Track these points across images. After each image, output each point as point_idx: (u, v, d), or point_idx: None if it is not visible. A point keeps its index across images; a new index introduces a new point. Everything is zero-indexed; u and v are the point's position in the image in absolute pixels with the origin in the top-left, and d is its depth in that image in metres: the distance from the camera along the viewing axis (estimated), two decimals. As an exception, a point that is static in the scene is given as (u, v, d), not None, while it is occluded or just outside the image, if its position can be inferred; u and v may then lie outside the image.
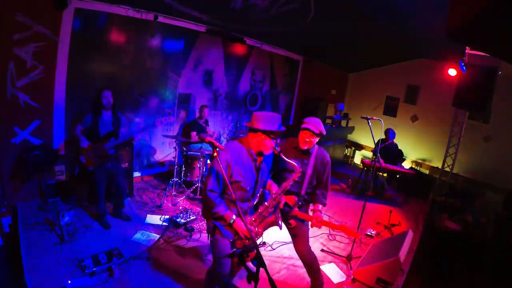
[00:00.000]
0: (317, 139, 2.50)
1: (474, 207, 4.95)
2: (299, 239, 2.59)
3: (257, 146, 2.00)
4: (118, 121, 3.39)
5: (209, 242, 2.17)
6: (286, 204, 2.47)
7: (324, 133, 2.48)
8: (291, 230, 2.60)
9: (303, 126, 2.47)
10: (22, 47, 3.33)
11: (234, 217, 2.02)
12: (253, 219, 2.13)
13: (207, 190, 1.95)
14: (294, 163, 2.13)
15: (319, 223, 2.45)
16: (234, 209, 2.05)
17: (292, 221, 2.52)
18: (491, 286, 3.51)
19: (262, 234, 2.45)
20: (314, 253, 2.68)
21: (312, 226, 2.55)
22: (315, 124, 2.44)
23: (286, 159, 2.11)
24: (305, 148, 2.50)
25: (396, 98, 7.57)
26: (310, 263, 2.65)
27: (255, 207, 2.26)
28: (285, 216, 2.49)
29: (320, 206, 2.59)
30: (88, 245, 3.04)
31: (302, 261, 2.66)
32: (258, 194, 2.21)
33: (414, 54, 6.76)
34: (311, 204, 2.69)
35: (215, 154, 1.76)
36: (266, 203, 2.15)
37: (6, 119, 3.41)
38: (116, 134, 3.34)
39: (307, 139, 2.45)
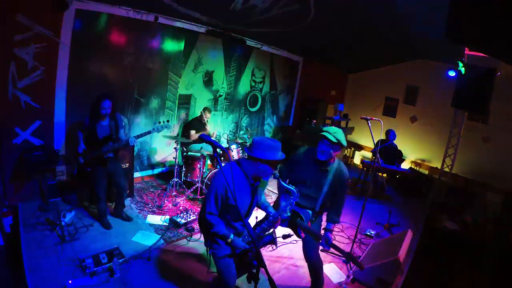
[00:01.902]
0: (336, 151, 2.34)
1: (473, 208, 4.97)
2: (309, 244, 2.56)
3: (256, 173, 2.03)
4: (117, 123, 3.35)
5: (209, 253, 2.20)
6: (299, 215, 2.46)
7: (345, 144, 2.32)
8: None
9: (321, 133, 2.32)
10: (23, 48, 3.35)
11: (232, 236, 2.07)
12: (250, 239, 2.15)
13: (206, 212, 2.01)
14: (293, 189, 2.18)
15: (327, 246, 2.39)
16: (231, 229, 2.14)
17: (302, 234, 2.49)
18: (490, 286, 3.52)
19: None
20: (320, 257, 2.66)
21: (319, 245, 2.53)
22: (334, 133, 2.27)
23: (285, 185, 2.17)
24: (323, 159, 2.33)
25: (395, 99, 7.58)
26: (315, 266, 2.64)
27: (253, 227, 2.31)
28: (297, 228, 2.45)
29: (332, 225, 2.51)
30: (89, 245, 3.06)
31: (308, 264, 2.64)
32: (251, 214, 2.26)
33: (414, 55, 6.78)
34: (323, 218, 2.65)
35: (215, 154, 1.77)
36: (264, 226, 2.22)
37: (7, 119, 3.42)
38: (114, 138, 3.32)
39: (324, 149, 2.30)
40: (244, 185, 2.06)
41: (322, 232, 2.55)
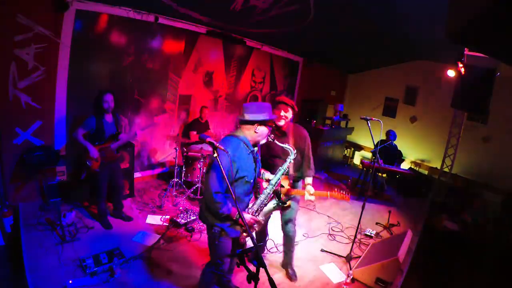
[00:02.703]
0: (292, 114, 2.66)
1: (473, 208, 4.97)
2: (287, 212, 2.84)
3: (254, 137, 2.02)
4: (118, 121, 3.42)
5: (214, 245, 2.10)
6: (280, 184, 2.63)
7: (296, 108, 2.69)
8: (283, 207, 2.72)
9: (277, 100, 2.65)
10: (24, 48, 3.36)
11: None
12: (255, 209, 2.14)
13: (212, 192, 1.87)
14: (289, 146, 2.26)
15: (311, 195, 2.63)
16: (240, 203, 2.06)
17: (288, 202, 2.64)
18: (490, 286, 3.52)
19: (265, 223, 2.70)
20: (297, 232, 3.00)
21: (305, 199, 2.71)
22: (288, 99, 2.62)
23: (281, 144, 2.25)
24: (281, 124, 2.62)
25: (395, 99, 7.60)
26: (288, 235, 2.96)
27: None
28: (280, 195, 2.57)
29: (309, 178, 2.76)
30: (89, 245, 3.06)
31: (283, 231, 2.97)
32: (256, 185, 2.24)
33: (413, 55, 6.79)
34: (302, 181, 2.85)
35: (215, 155, 1.75)
36: (267, 191, 2.17)
37: (7, 120, 3.43)
38: (119, 134, 3.36)
39: (283, 113, 2.61)
40: (246, 154, 2.00)
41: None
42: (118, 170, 3.53)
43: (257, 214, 2.14)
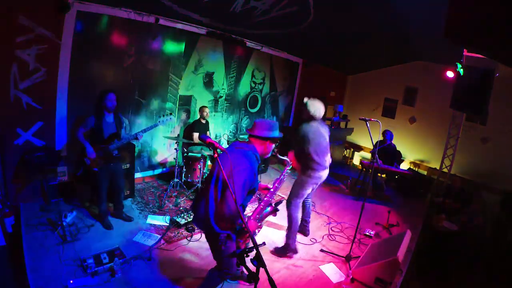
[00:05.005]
0: (305, 111, 3.35)
1: (472, 208, 4.99)
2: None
3: (263, 152, 2.22)
4: (120, 122, 3.41)
5: (220, 250, 2.11)
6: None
7: (308, 107, 3.28)
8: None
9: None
10: (25, 49, 3.37)
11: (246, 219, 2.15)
12: (257, 216, 2.31)
13: (239, 204, 1.90)
14: (287, 159, 2.69)
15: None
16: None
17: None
18: (489, 286, 3.54)
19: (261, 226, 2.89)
20: (297, 216, 3.37)
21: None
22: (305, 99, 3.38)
23: (280, 157, 2.71)
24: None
25: (394, 100, 7.62)
26: (288, 214, 3.38)
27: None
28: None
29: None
30: (90, 245, 3.08)
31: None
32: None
33: (413, 56, 6.81)
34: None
35: (216, 155, 1.78)
36: (270, 198, 2.47)
37: (9, 120, 3.44)
38: (119, 135, 3.36)
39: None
40: (257, 167, 2.15)
41: None
42: (120, 171, 3.54)
43: (258, 219, 2.24)
